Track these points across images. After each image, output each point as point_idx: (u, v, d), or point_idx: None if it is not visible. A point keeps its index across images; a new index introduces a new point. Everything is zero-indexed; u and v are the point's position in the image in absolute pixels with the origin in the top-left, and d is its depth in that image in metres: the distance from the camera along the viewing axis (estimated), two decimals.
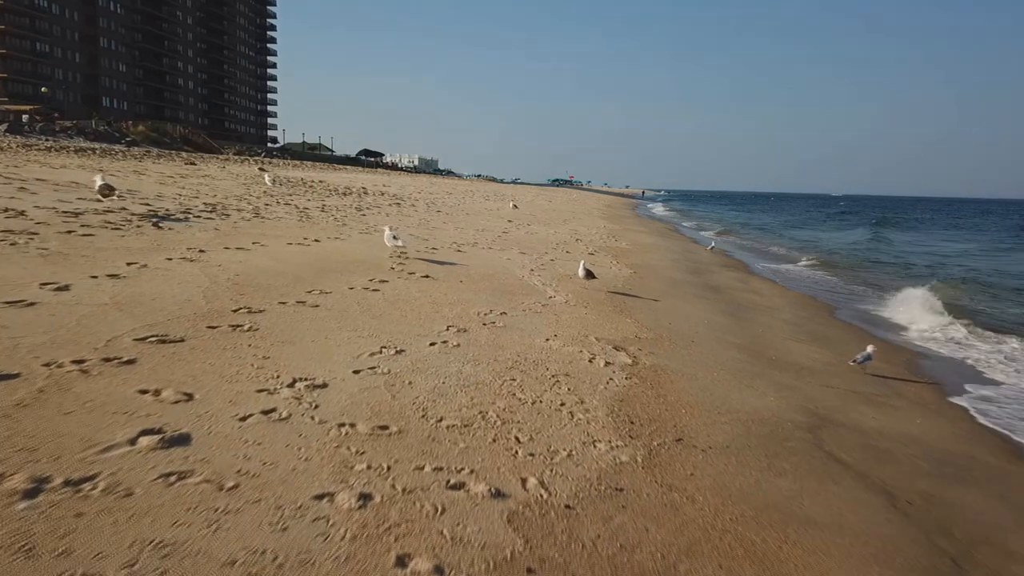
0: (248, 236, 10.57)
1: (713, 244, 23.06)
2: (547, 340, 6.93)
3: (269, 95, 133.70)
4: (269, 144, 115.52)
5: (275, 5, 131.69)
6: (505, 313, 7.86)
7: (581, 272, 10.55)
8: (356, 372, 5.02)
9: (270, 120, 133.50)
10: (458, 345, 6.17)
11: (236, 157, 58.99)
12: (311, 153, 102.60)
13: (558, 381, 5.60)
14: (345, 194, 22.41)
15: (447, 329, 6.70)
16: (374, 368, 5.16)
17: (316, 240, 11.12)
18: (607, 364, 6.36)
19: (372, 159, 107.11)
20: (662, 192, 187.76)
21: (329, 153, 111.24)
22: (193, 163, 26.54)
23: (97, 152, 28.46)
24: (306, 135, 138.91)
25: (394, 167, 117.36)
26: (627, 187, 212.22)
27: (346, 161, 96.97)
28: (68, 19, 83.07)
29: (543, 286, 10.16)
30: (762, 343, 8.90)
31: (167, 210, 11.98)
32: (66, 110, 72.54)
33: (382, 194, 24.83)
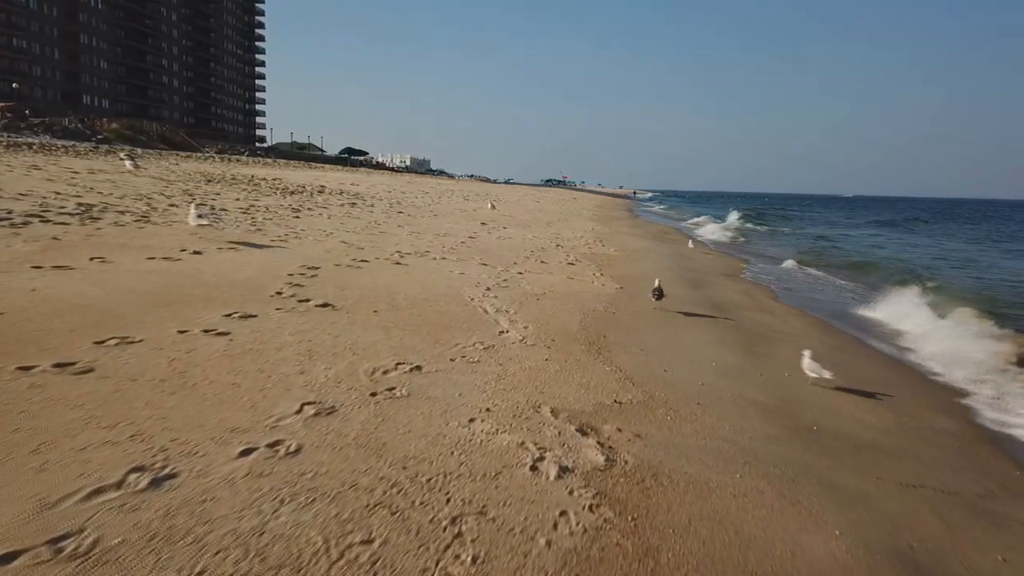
0: (97, 248, 7.95)
1: (691, 242, 21.96)
2: (471, 422, 4.34)
3: (258, 94, 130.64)
4: (257, 144, 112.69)
5: (264, 2, 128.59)
6: (420, 367, 5.26)
7: (657, 284, 9.32)
8: None
9: (259, 119, 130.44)
10: (295, 451, 3.55)
11: (217, 156, 56.43)
12: (299, 153, 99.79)
13: (460, 534, 3.01)
14: (292, 193, 19.68)
15: (297, 412, 4.07)
16: (40, 557, 2.51)
17: (197, 252, 8.49)
18: (561, 473, 3.78)
19: (358, 158, 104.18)
20: (656, 193, 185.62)
21: (320, 153, 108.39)
22: (131, 158, 23.99)
23: (34, 147, 25.76)
24: (296, 135, 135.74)
25: (382, 167, 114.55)
26: (621, 187, 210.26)
27: (334, 160, 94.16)
28: (47, 15, 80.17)
29: (496, 313, 7.57)
30: (794, 397, 6.33)
31: (9, 211, 9.32)
32: (44, 108, 69.77)
33: (341, 193, 22.10)
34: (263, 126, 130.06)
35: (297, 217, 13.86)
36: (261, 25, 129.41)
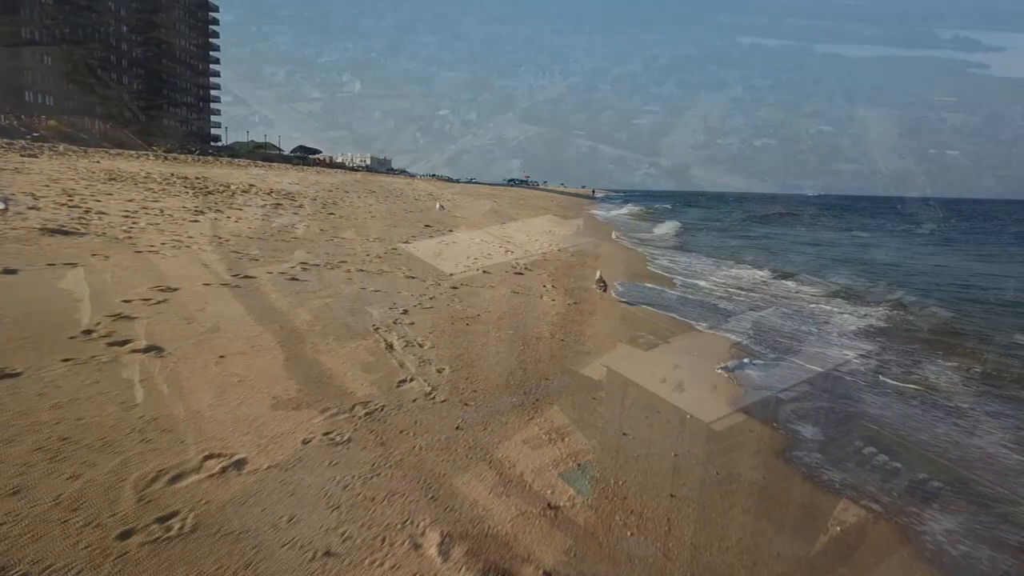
0: None
1: (614, 233, 21.59)
2: None
3: (213, 92, 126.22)
4: (212, 143, 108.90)
5: None
6: (243, 462, 3.36)
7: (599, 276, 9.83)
8: None
9: (214, 119, 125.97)
10: None
11: (155, 155, 53.77)
12: (254, 152, 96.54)
13: None
14: (209, 193, 17.46)
15: None
16: None
17: (10, 271, 6.41)
18: None
19: (313, 156, 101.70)
20: (618, 193, 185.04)
21: (277, 152, 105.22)
22: (34, 156, 21.51)
23: None
24: (252, 134, 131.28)
25: (339, 165, 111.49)
26: (583, 187, 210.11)
27: (287, 159, 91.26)
28: None
29: (404, 350, 5.71)
30: (802, 472, 4.62)
31: None
32: None
33: (269, 193, 19.87)
34: (218, 125, 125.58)
35: (195, 221, 11.73)
36: (216, 22, 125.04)
